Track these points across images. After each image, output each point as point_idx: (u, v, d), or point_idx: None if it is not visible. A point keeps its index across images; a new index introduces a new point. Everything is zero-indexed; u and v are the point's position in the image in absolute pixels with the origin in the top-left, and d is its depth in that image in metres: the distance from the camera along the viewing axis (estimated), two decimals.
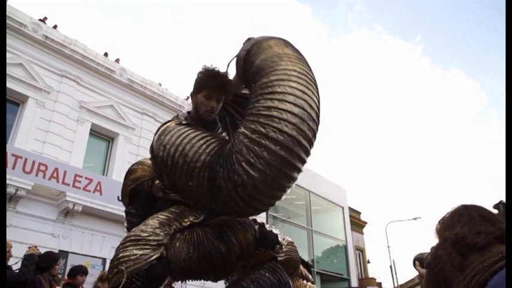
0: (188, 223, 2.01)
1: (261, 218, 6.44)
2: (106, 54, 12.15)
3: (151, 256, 1.80)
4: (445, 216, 1.88)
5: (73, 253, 9.50)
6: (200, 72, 2.30)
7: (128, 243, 1.85)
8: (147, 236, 1.87)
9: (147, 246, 1.83)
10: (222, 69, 2.29)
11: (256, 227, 2.19)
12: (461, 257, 1.56)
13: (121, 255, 1.82)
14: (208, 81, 2.27)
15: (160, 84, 13.23)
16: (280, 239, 2.27)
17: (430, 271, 1.73)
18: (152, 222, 1.95)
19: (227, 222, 2.09)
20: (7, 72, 9.23)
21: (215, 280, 2.10)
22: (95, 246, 9.92)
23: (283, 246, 2.28)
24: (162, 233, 1.90)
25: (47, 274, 4.66)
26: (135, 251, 1.81)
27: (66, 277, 6.24)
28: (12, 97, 9.84)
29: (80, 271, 5.63)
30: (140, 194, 2.37)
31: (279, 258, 2.16)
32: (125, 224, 2.45)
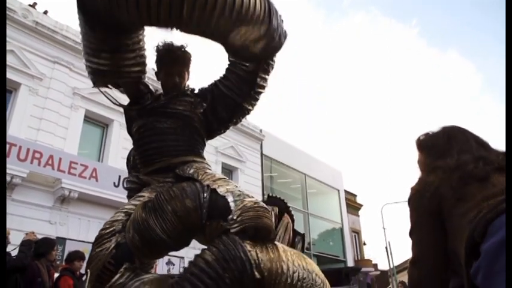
0: (146, 200, 2.03)
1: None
2: None
3: (109, 248, 1.93)
4: (436, 136, 1.74)
5: (70, 239, 9.54)
6: (155, 52, 2.33)
7: (93, 245, 2.01)
8: (104, 231, 2.01)
9: (104, 241, 1.97)
10: (176, 42, 2.32)
11: (205, 194, 1.86)
12: (461, 183, 1.45)
13: (89, 257, 2.03)
14: (163, 59, 2.32)
15: (153, 69, 13.11)
16: (232, 206, 1.80)
17: (417, 203, 1.57)
18: (116, 214, 2.10)
19: (164, 190, 1.94)
20: None
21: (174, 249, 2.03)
22: (92, 232, 9.94)
23: (238, 215, 1.77)
24: (118, 223, 2.02)
25: (44, 260, 4.69)
26: (96, 250, 1.96)
27: (63, 263, 6.29)
28: None
29: (76, 256, 5.67)
30: None
31: (232, 230, 1.74)
32: None
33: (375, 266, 27.98)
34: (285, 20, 2.19)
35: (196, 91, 2.40)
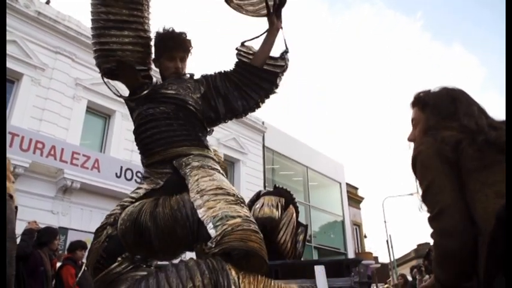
0: (143, 192, 2.10)
1: None
2: None
3: (100, 241, 2.01)
4: (439, 96, 1.66)
5: (73, 229, 9.58)
6: (156, 38, 2.35)
7: (93, 239, 2.09)
8: (101, 224, 2.10)
9: (99, 234, 2.05)
10: (176, 29, 2.35)
11: (192, 220, 1.82)
12: (487, 148, 1.37)
13: (88, 251, 2.17)
14: (166, 43, 2.32)
15: None
16: (212, 233, 1.68)
17: (433, 157, 1.45)
18: (115, 208, 2.16)
19: (160, 209, 1.91)
20: None
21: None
22: (94, 222, 9.95)
23: (217, 241, 1.66)
24: (113, 216, 2.08)
25: (47, 249, 4.72)
26: (93, 243, 2.05)
27: (65, 252, 6.33)
28: (6, 75, 9.74)
29: (79, 246, 5.71)
30: None
31: (213, 251, 1.67)
32: None
33: (376, 258, 28.06)
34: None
35: (196, 77, 2.39)
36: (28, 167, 8.92)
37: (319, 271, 2.87)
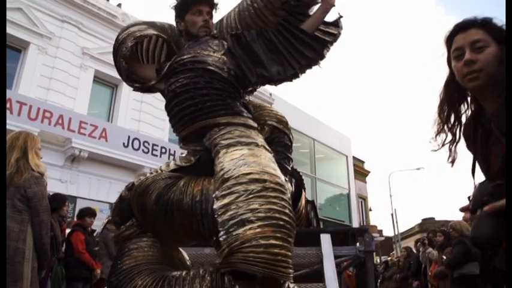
0: (173, 167, 1.94)
1: None
2: None
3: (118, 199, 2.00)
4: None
5: (81, 198, 9.71)
6: None
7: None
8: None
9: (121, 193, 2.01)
10: None
11: (208, 214, 1.62)
12: None
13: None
14: None
15: None
16: (221, 240, 1.50)
17: None
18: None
19: (177, 195, 1.72)
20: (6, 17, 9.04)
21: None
22: (102, 191, 10.12)
23: (224, 256, 1.49)
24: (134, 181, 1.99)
25: (56, 215, 4.78)
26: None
27: (75, 219, 6.44)
28: (13, 43, 9.70)
29: (88, 213, 5.80)
30: None
31: (222, 270, 1.55)
32: None
33: (380, 232, 28.36)
34: None
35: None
36: (36, 135, 8.96)
37: (325, 239, 2.91)
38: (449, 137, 1.52)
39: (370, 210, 26.08)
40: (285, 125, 2.61)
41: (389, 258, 14.73)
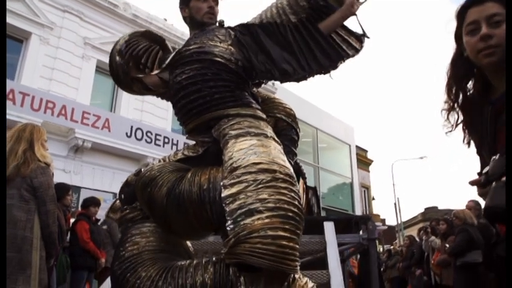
0: (180, 157, 1.93)
1: None
2: None
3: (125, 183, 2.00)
4: None
5: (85, 188, 9.75)
6: None
7: None
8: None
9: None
10: None
11: (216, 202, 1.61)
12: None
13: None
14: None
15: (165, 20, 12.93)
16: (229, 229, 1.47)
17: None
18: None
19: (187, 186, 1.68)
20: (7, 7, 9.01)
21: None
22: (105, 181, 10.16)
23: (230, 245, 1.47)
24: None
25: (60, 204, 4.80)
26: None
27: (79, 209, 6.47)
28: (15, 34, 9.69)
29: (92, 202, 5.83)
30: None
31: (226, 261, 1.54)
32: None
33: (383, 221, 28.44)
34: None
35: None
36: (42, 128, 8.98)
37: (329, 227, 2.93)
38: (462, 116, 1.45)
39: (373, 199, 26.13)
40: (293, 118, 2.57)
41: (392, 247, 14.77)
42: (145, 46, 2.22)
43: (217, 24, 2.11)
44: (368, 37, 2.03)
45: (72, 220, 5.67)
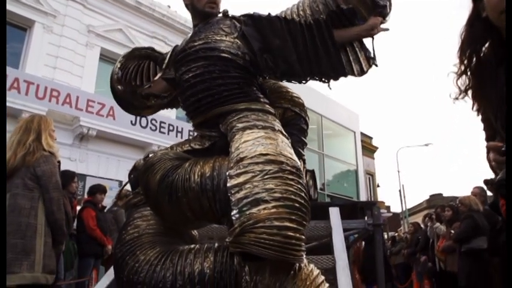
0: (186, 148, 1.90)
1: None
2: None
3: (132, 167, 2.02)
4: None
5: (90, 176, 9.81)
6: None
7: None
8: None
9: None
10: None
11: (221, 190, 1.58)
12: None
13: None
14: None
15: (169, 7, 12.85)
16: (234, 219, 1.45)
17: None
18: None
19: (184, 174, 1.66)
20: None
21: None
22: (111, 169, 10.21)
23: (236, 234, 1.44)
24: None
25: (66, 192, 4.84)
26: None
27: (85, 196, 6.52)
28: (18, 22, 9.67)
29: (99, 189, 5.86)
30: None
31: (230, 250, 1.51)
32: None
33: (388, 208, 28.45)
34: None
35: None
36: (45, 114, 9.02)
37: (334, 213, 2.93)
38: (473, 81, 1.39)
39: (378, 186, 26.14)
40: (301, 107, 2.56)
41: (396, 233, 14.79)
42: (134, 66, 2.31)
43: (221, 14, 2.05)
44: (376, 65, 1.95)
45: (78, 207, 5.70)
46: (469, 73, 1.38)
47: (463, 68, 1.39)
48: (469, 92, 1.40)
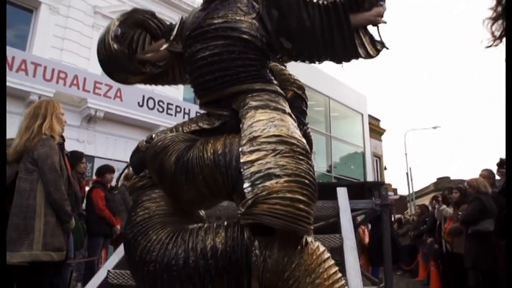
0: (194, 128, 1.90)
1: None
2: None
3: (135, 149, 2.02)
4: None
5: (98, 157, 9.88)
6: None
7: None
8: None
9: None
10: None
11: (233, 167, 1.61)
12: None
13: None
14: None
15: None
16: (246, 192, 1.46)
17: None
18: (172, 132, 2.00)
19: (198, 152, 1.69)
20: None
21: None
22: (118, 150, 10.26)
23: (248, 206, 1.45)
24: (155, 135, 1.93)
25: (74, 172, 4.88)
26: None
27: (94, 177, 6.58)
28: (24, 3, 9.64)
29: (107, 169, 5.91)
30: None
31: (241, 222, 1.53)
32: None
33: (395, 190, 28.47)
34: None
35: None
36: (52, 96, 9.04)
37: (342, 193, 2.92)
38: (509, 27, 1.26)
39: (385, 168, 26.10)
40: (303, 90, 2.57)
41: (402, 216, 14.83)
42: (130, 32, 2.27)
43: None
44: (387, 48, 1.96)
45: (87, 188, 5.76)
46: (504, 19, 1.28)
47: (500, 9, 1.29)
48: (504, 40, 1.29)
